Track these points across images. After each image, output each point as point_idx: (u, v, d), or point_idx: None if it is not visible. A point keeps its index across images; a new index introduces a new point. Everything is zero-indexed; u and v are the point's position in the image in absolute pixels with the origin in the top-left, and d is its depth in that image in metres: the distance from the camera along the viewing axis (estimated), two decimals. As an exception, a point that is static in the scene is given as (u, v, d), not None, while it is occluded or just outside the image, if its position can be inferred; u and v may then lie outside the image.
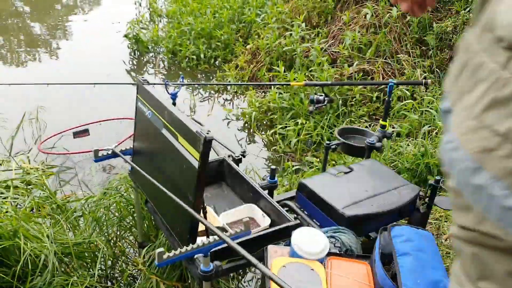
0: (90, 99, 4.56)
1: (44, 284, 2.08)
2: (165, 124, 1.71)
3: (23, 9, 8.36)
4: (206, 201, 1.71)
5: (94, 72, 5.46)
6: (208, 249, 1.52)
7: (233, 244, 1.18)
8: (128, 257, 2.56)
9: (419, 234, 1.54)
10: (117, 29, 6.67)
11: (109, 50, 6.31)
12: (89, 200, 2.67)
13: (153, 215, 2.12)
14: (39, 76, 5.36)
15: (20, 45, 6.74)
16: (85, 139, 3.63)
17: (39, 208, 2.65)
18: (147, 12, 7.65)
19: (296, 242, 1.53)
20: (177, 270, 2.29)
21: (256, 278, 2.56)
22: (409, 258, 1.42)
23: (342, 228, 1.81)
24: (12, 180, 2.93)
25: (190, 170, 1.54)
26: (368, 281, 1.47)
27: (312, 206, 2.05)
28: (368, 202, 1.97)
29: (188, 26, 6.04)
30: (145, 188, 2.03)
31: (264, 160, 3.92)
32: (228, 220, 2.06)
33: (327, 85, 2.86)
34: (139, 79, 1.94)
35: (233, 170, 2.25)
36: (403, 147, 3.38)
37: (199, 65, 5.73)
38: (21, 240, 2.06)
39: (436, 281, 1.35)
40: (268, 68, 4.95)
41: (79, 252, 2.35)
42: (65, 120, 3.97)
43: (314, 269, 1.46)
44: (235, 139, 4.27)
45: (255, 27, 5.81)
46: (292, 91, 4.32)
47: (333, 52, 4.63)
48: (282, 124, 4.16)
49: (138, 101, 1.96)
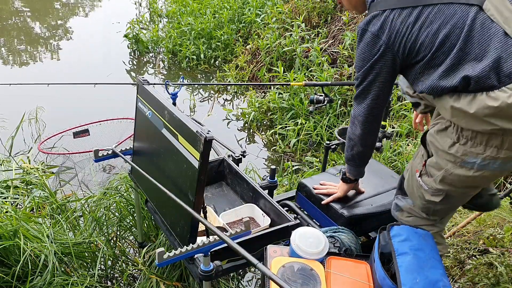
0: (90, 99, 4.56)
1: (44, 284, 2.08)
2: (165, 124, 1.71)
3: (23, 9, 8.37)
4: (206, 201, 1.71)
5: (94, 72, 5.47)
6: (208, 249, 1.52)
7: (233, 244, 1.18)
8: (128, 257, 2.57)
9: (418, 233, 1.55)
10: (117, 29, 6.68)
11: (109, 50, 6.31)
12: (89, 200, 2.68)
13: (153, 215, 2.12)
14: (39, 76, 5.37)
15: (20, 45, 6.75)
16: (85, 139, 3.63)
17: (39, 208, 2.65)
18: (147, 12, 7.65)
19: (296, 242, 1.53)
20: (177, 270, 2.29)
21: (256, 278, 2.56)
22: (408, 258, 1.42)
23: (342, 228, 1.81)
24: (12, 180, 2.94)
25: (190, 170, 1.55)
26: (368, 281, 1.48)
27: (312, 206, 2.06)
28: (367, 202, 1.97)
29: (188, 26, 6.05)
30: (145, 188, 2.03)
31: (264, 160, 3.93)
32: (228, 220, 2.07)
33: (327, 85, 2.86)
34: (139, 79, 1.95)
35: (233, 170, 2.26)
36: (402, 147, 3.38)
37: (199, 65, 5.73)
38: (21, 240, 2.06)
39: (435, 281, 1.36)
40: (268, 68, 4.95)
41: (79, 252, 2.35)
42: (65, 120, 3.96)
43: (314, 268, 1.47)
44: (235, 139, 4.27)
45: (255, 27, 5.82)
46: (292, 91, 4.33)
47: (333, 52, 4.63)
48: (282, 124, 4.16)
49: (138, 101, 1.97)
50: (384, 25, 1.41)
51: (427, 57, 1.37)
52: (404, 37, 1.39)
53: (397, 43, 1.41)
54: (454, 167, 1.42)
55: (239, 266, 1.78)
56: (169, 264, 2.14)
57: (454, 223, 2.55)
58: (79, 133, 3.57)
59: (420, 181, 1.56)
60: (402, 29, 1.38)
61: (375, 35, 1.42)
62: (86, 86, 3.69)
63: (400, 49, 1.41)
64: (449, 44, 1.32)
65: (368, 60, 1.47)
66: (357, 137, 1.69)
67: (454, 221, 2.57)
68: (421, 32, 1.36)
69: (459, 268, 2.22)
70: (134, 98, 1.99)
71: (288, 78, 4.44)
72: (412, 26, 1.37)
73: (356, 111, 1.63)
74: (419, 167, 1.58)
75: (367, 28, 1.44)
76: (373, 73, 1.49)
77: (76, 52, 6.39)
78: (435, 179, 1.49)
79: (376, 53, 1.45)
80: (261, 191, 2.08)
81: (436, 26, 1.33)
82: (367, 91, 1.55)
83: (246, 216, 2.07)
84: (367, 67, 1.49)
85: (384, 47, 1.43)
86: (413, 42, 1.38)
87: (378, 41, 1.43)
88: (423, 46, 1.37)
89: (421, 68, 1.41)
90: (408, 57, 1.42)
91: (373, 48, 1.45)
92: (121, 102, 4.43)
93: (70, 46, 6.72)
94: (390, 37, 1.41)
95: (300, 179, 2.64)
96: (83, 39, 6.96)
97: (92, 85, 3.51)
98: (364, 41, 1.46)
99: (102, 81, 3.68)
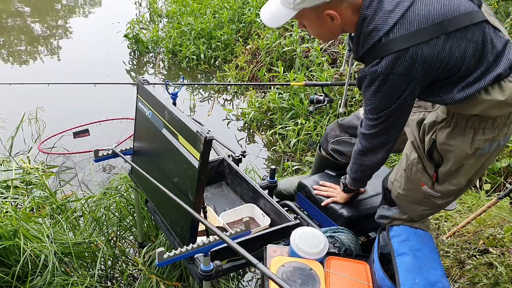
0: (90, 99, 4.56)
1: (44, 284, 2.09)
2: (165, 124, 1.71)
3: (23, 9, 8.37)
4: (206, 201, 1.72)
5: (94, 72, 5.47)
6: (208, 249, 1.53)
7: (233, 244, 1.19)
8: (128, 257, 2.57)
9: (417, 234, 1.55)
10: (117, 29, 6.67)
11: (109, 50, 6.31)
12: (89, 200, 2.68)
13: (153, 215, 2.12)
14: (39, 76, 5.36)
15: (20, 45, 6.75)
16: (85, 139, 3.63)
17: (39, 208, 2.65)
18: (147, 12, 7.65)
19: (296, 241, 1.53)
20: (177, 270, 2.29)
21: (256, 278, 2.57)
22: (407, 258, 1.42)
23: (342, 228, 1.81)
24: (12, 180, 2.94)
25: (190, 169, 1.55)
26: (367, 281, 1.48)
27: (312, 206, 2.06)
28: (367, 202, 1.98)
29: (188, 26, 6.05)
30: (145, 188, 2.03)
31: (264, 160, 3.93)
32: (228, 220, 2.07)
33: (327, 85, 2.86)
34: (139, 79, 1.95)
35: (233, 170, 2.26)
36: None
37: (199, 65, 5.73)
38: (21, 240, 2.06)
39: (434, 281, 1.36)
40: (268, 68, 4.95)
41: (79, 252, 2.35)
42: (65, 120, 3.96)
43: (313, 268, 1.47)
44: (235, 139, 4.27)
45: (255, 27, 5.82)
46: (292, 91, 4.33)
47: (333, 52, 4.63)
48: (282, 124, 4.16)
49: (138, 101, 1.97)
50: (414, 63, 1.32)
51: (455, 75, 1.38)
52: (435, 67, 1.35)
53: (428, 74, 1.37)
54: (473, 160, 1.49)
55: (239, 266, 1.78)
56: (169, 264, 2.14)
57: (454, 223, 2.55)
58: (79, 133, 3.57)
59: (430, 192, 1.58)
60: (433, 61, 1.34)
61: (404, 74, 1.34)
62: (86, 86, 3.69)
63: (429, 78, 1.39)
64: (475, 58, 1.37)
65: (397, 98, 1.40)
66: (374, 164, 1.66)
67: (454, 221, 2.57)
68: (450, 58, 1.34)
69: (459, 268, 2.22)
70: (134, 98, 1.99)
71: (288, 78, 4.44)
72: (440, 55, 1.33)
73: (375, 142, 1.56)
74: (425, 180, 1.58)
75: (393, 72, 1.34)
76: (400, 108, 1.43)
77: (76, 52, 6.39)
78: (459, 180, 1.53)
79: (405, 90, 1.38)
80: (261, 191, 2.08)
81: (463, 48, 1.34)
82: (392, 126, 1.49)
83: (246, 216, 2.07)
84: (394, 106, 1.41)
85: (415, 82, 1.36)
86: (443, 69, 1.36)
87: (408, 79, 1.35)
88: (452, 68, 1.36)
89: (445, 84, 1.41)
90: (436, 80, 1.40)
91: (402, 86, 1.37)
92: (121, 102, 4.42)
93: (70, 46, 6.72)
94: (424, 73, 1.35)
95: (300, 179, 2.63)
96: (83, 39, 6.95)
97: (92, 85, 3.51)
98: (390, 83, 1.37)
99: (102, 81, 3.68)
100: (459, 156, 1.48)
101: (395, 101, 1.40)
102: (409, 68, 1.33)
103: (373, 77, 1.38)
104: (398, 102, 1.40)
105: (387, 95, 1.39)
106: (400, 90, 1.37)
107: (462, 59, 1.35)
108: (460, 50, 1.34)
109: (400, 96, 1.39)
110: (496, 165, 2.89)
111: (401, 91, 1.38)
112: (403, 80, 1.35)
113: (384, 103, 1.42)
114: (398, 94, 1.38)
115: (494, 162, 1.70)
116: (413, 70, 1.33)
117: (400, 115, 1.45)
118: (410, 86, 1.37)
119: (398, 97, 1.39)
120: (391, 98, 1.40)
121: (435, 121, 1.53)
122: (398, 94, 1.38)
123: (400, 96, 1.38)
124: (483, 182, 2.93)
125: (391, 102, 1.41)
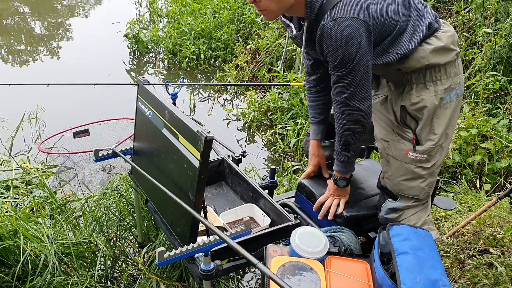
0: (90, 99, 4.56)
1: (44, 284, 2.09)
2: (165, 123, 1.71)
3: (23, 9, 8.37)
4: (206, 201, 1.72)
5: (94, 72, 5.47)
6: (209, 249, 1.53)
7: (233, 244, 1.19)
8: (128, 257, 2.57)
9: (418, 233, 1.55)
10: (117, 29, 6.68)
11: (109, 50, 6.32)
12: (89, 200, 2.68)
13: (153, 215, 2.12)
14: (39, 76, 5.37)
15: (20, 45, 6.75)
16: (85, 139, 3.64)
17: (39, 208, 2.65)
18: (147, 12, 7.66)
19: (296, 241, 1.53)
20: (177, 270, 2.29)
21: (256, 278, 2.57)
22: (408, 257, 1.42)
23: (342, 227, 1.81)
24: (12, 180, 2.94)
25: (190, 169, 1.55)
26: (367, 280, 1.48)
27: (312, 206, 2.06)
28: (367, 202, 1.97)
29: (188, 26, 6.05)
30: (145, 188, 2.03)
31: (264, 160, 3.93)
32: (228, 220, 2.07)
33: (327, 85, 2.85)
34: (139, 79, 1.95)
35: (233, 170, 2.26)
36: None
37: (199, 65, 5.73)
38: (21, 240, 2.06)
39: (434, 280, 1.36)
40: (268, 68, 4.95)
41: (79, 252, 2.35)
42: (65, 120, 3.97)
43: (314, 268, 1.47)
44: (235, 139, 4.28)
45: (255, 27, 5.82)
46: (292, 91, 4.33)
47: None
48: (282, 124, 4.17)
49: (138, 101, 1.97)
50: (361, 8, 1.48)
51: (396, 28, 1.55)
52: (378, 18, 1.51)
53: (374, 26, 1.52)
54: (441, 111, 1.63)
55: (239, 266, 1.78)
56: (169, 264, 2.14)
57: (454, 223, 2.55)
58: (79, 133, 3.57)
59: (417, 156, 1.66)
60: (376, 10, 1.51)
61: (357, 17, 1.46)
62: (86, 86, 3.69)
63: (376, 32, 1.54)
64: (405, 11, 1.58)
65: (357, 45, 1.48)
66: (355, 127, 1.67)
67: (454, 221, 2.57)
68: (387, 10, 1.53)
69: (459, 268, 2.22)
70: (134, 98, 1.99)
71: (288, 78, 4.44)
72: (378, 5, 1.52)
73: (349, 98, 1.61)
74: (408, 147, 1.68)
75: (346, 15, 1.46)
76: (363, 57, 1.52)
77: (76, 52, 6.39)
78: (435, 133, 1.64)
79: (362, 35, 1.48)
80: (261, 191, 2.08)
81: (394, 2, 1.56)
82: (360, 77, 1.56)
83: (246, 216, 2.07)
84: (358, 55, 1.50)
85: (369, 29, 1.49)
86: (384, 20, 1.53)
87: (361, 22, 1.47)
88: (391, 20, 1.54)
89: (392, 39, 1.57)
90: (381, 32, 1.55)
91: (358, 30, 1.47)
92: (121, 102, 4.43)
93: (70, 46, 6.72)
94: (373, 22, 1.50)
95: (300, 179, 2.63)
96: (83, 39, 6.96)
97: (92, 85, 3.51)
98: (348, 27, 1.46)
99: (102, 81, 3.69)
100: (430, 109, 1.61)
101: (357, 48, 1.49)
102: (359, 12, 1.47)
103: (330, 25, 1.48)
104: (361, 51, 1.49)
105: (349, 40, 1.47)
106: (358, 34, 1.47)
107: (396, 11, 1.55)
108: (391, 3, 1.55)
109: (360, 42, 1.48)
110: (496, 165, 2.89)
111: (359, 36, 1.48)
112: (357, 24, 1.47)
113: (347, 50, 1.49)
114: (358, 39, 1.48)
115: (459, 115, 1.93)
116: (363, 14, 1.47)
117: (366, 64, 1.54)
118: (366, 33, 1.49)
119: (358, 43, 1.48)
120: (352, 44, 1.48)
121: (397, 91, 1.69)
122: (358, 39, 1.48)
123: (360, 42, 1.48)
124: (483, 182, 2.93)
125: (353, 49, 1.49)
